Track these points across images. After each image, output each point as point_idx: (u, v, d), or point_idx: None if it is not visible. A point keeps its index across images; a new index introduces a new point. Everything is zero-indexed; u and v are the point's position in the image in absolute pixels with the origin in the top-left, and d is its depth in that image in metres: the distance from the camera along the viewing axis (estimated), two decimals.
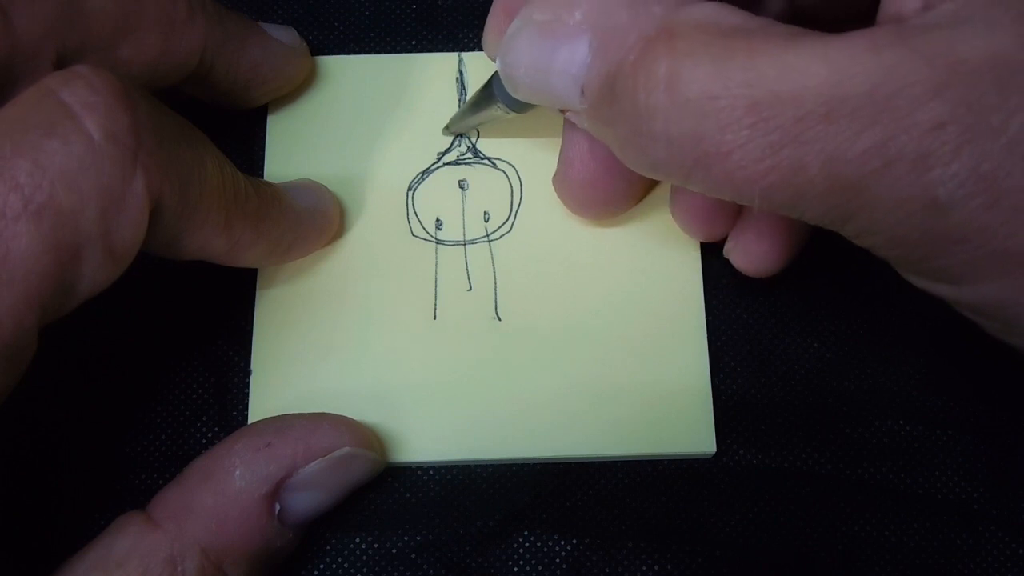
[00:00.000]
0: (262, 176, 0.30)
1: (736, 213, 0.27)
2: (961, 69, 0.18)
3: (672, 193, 0.27)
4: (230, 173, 0.24)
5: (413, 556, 0.27)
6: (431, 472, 0.28)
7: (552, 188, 0.29)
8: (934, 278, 0.20)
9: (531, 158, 0.30)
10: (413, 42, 0.32)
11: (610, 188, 0.27)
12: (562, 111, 0.24)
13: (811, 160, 0.18)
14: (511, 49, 0.23)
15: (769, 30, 0.19)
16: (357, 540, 0.27)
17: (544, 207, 0.30)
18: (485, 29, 0.26)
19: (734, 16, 0.20)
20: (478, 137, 0.30)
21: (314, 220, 0.28)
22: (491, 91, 0.27)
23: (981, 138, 0.18)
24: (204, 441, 0.28)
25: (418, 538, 0.27)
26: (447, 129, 0.30)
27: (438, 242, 0.29)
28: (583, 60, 0.21)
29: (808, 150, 0.18)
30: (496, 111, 0.27)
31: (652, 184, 0.29)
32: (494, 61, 0.25)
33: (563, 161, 0.27)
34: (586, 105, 0.22)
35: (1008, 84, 0.18)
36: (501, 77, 0.24)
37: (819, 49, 0.19)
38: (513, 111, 0.27)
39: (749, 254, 0.27)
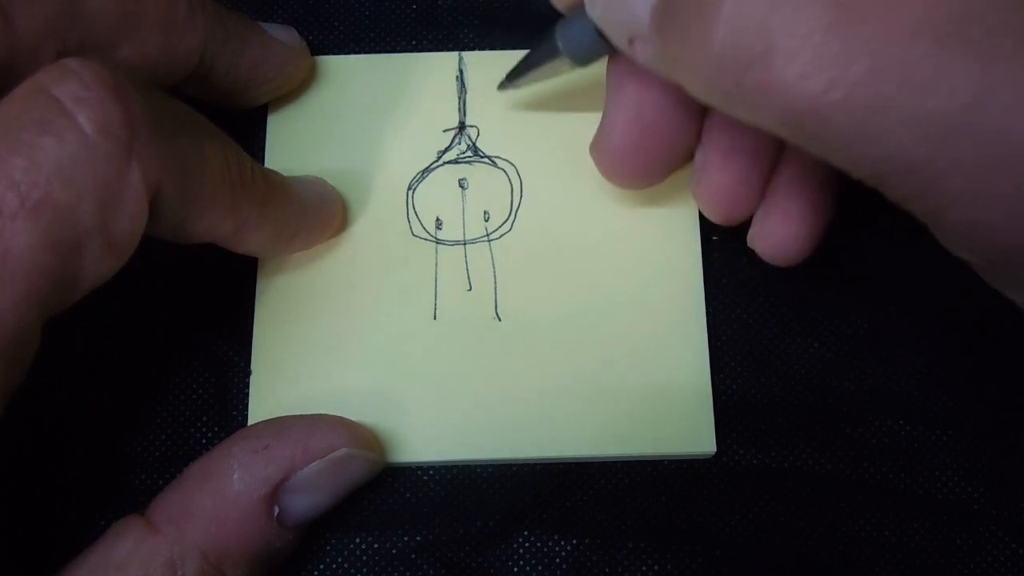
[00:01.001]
0: None
1: (759, 194, 0.26)
2: None
3: (695, 171, 0.27)
4: (234, 155, 0.24)
5: (413, 556, 0.27)
6: (431, 472, 0.28)
7: (552, 187, 0.29)
8: (1002, 254, 0.18)
9: (531, 156, 0.30)
10: (413, 42, 0.32)
11: (650, 156, 0.26)
12: (628, 42, 0.22)
13: (887, 82, 0.17)
14: None
15: None
16: (357, 540, 0.27)
17: (544, 206, 0.30)
18: None
19: None
20: (479, 135, 0.30)
21: (318, 210, 0.28)
22: (554, 44, 0.26)
23: None
24: (204, 441, 0.28)
25: (418, 538, 0.27)
26: (503, 85, 0.29)
27: (438, 242, 0.29)
28: None
29: (887, 69, 0.17)
30: (558, 65, 0.26)
31: (689, 153, 0.27)
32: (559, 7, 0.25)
33: (604, 127, 0.26)
34: (655, 5, 0.21)
35: None
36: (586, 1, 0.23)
37: None
38: (578, 63, 0.26)
39: (775, 239, 0.26)
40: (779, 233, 0.26)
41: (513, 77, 0.28)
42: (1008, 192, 0.17)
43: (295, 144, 0.30)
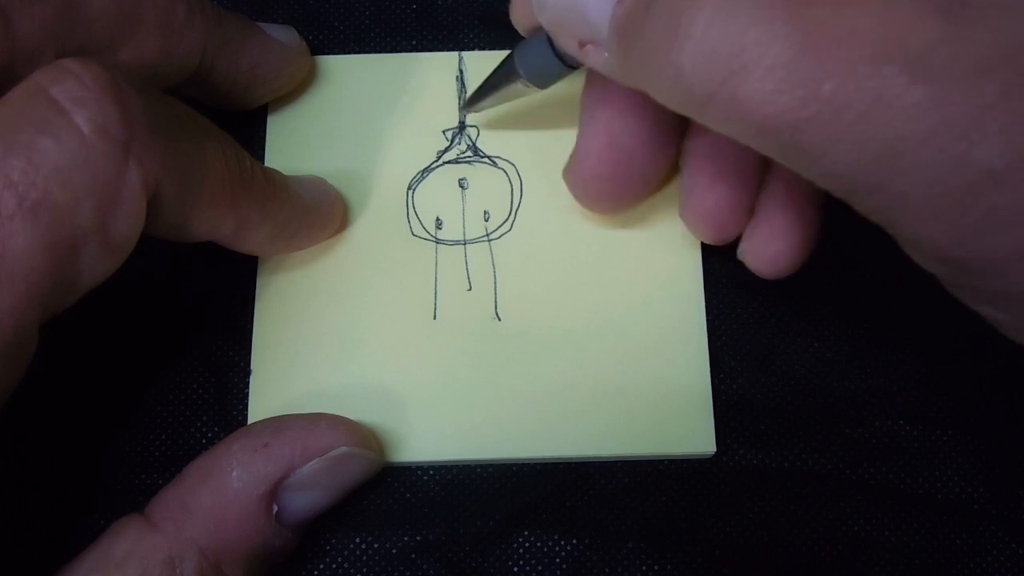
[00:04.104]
0: None
1: (747, 213, 0.26)
2: (1011, 53, 0.17)
3: (682, 195, 0.27)
4: (234, 154, 0.24)
5: (413, 556, 0.27)
6: (431, 472, 0.28)
7: (552, 187, 0.29)
8: (961, 265, 0.19)
9: (531, 156, 0.30)
10: (413, 42, 0.32)
11: (624, 182, 0.27)
12: (580, 47, 0.23)
13: (856, 101, 0.17)
14: None
15: None
16: (357, 540, 0.27)
17: (544, 206, 0.30)
18: None
19: None
20: (478, 135, 0.30)
21: (318, 209, 0.28)
22: (512, 67, 0.26)
23: None
24: (204, 441, 0.28)
25: (418, 538, 0.27)
26: (464, 108, 0.30)
27: (438, 241, 0.29)
28: None
29: (856, 89, 0.17)
30: (518, 87, 0.27)
31: (664, 177, 0.28)
32: (517, 24, 0.25)
33: (578, 153, 0.27)
34: (619, 15, 0.21)
35: None
36: (533, 5, 0.23)
37: (877, 2, 0.18)
38: (536, 86, 0.26)
39: (764, 254, 0.26)
40: (768, 248, 0.26)
41: (474, 100, 0.29)
42: (965, 217, 0.18)
43: (295, 144, 0.30)
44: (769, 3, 0.18)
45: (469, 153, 0.30)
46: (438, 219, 0.30)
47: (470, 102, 0.29)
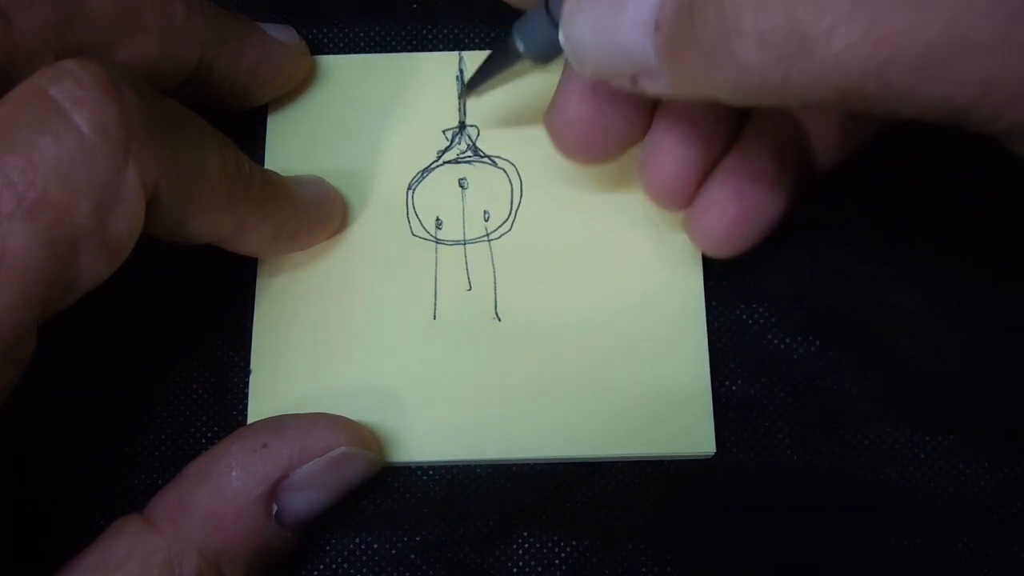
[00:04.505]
0: None
1: (700, 182, 0.26)
2: None
3: (641, 153, 0.26)
4: (232, 154, 0.24)
5: (413, 556, 0.27)
6: (431, 472, 0.28)
7: (552, 187, 0.29)
8: None
9: (531, 156, 0.30)
10: (413, 42, 0.32)
11: (604, 130, 0.26)
12: (633, 83, 0.22)
13: (930, 20, 0.17)
14: (575, 14, 0.22)
15: None
16: (357, 540, 0.27)
17: (544, 206, 0.30)
18: None
19: None
20: (478, 135, 0.30)
21: (317, 209, 0.28)
22: (513, 46, 0.25)
23: None
24: (204, 441, 0.28)
25: (418, 538, 0.27)
26: (465, 93, 0.29)
27: (438, 241, 0.29)
28: (654, 2, 0.20)
29: (925, 7, 0.17)
30: (519, 66, 0.26)
31: (648, 124, 0.27)
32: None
33: (559, 98, 0.26)
34: (661, 41, 0.21)
35: None
36: (566, 53, 0.23)
37: None
38: (540, 62, 0.25)
39: (699, 227, 0.26)
40: (703, 221, 0.26)
41: (474, 84, 0.28)
42: None
43: (295, 144, 0.30)
44: None
45: (469, 153, 0.30)
46: (438, 219, 0.30)
47: (470, 86, 0.28)
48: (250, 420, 0.28)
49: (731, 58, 0.19)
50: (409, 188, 0.30)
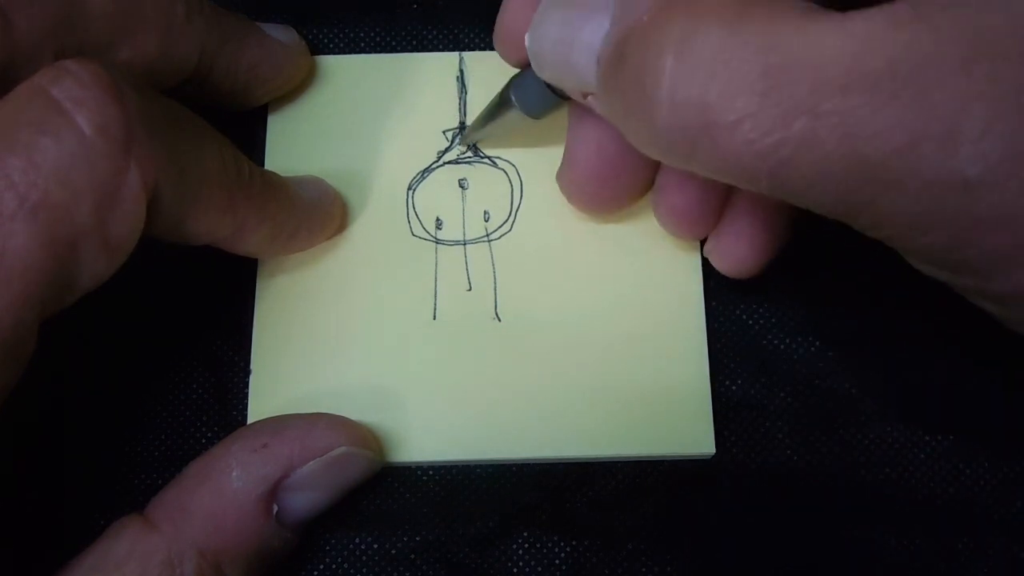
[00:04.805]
0: None
1: (716, 213, 0.26)
2: (984, 45, 0.17)
3: (654, 193, 0.27)
4: (231, 155, 0.24)
5: (413, 556, 0.27)
6: (431, 472, 0.28)
7: (552, 187, 0.29)
8: (958, 270, 0.19)
9: (531, 157, 0.30)
10: (413, 42, 0.32)
11: (614, 184, 0.27)
12: (583, 96, 0.23)
13: (827, 135, 0.17)
14: (542, 23, 0.23)
15: (788, 2, 0.19)
16: (357, 540, 0.27)
17: (544, 206, 0.30)
18: (498, 22, 0.26)
19: None
20: None
21: (317, 209, 0.28)
22: (508, 97, 0.27)
23: (1012, 115, 0.17)
24: (204, 441, 0.28)
25: (418, 538, 0.27)
26: (463, 140, 0.30)
27: (438, 242, 0.29)
28: (605, 31, 0.21)
29: (824, 123, 0.17)
30: (513, 117, 0.27)
31: (654, 180, 0.28)
32: (504, 57, 0.25)
33: (568, 158, 0.27)
34: (599, 75, 0.21)
35: None
36: (529, 54, 0.24)
37: (838, 23, 0.18)
38: (531, 116, 0.26)
39: (728, 257, 0.27)
40: (732, 251, 0.27)
41: (472, 132, 0.29)
42: (955, 224, 0.18)
43: (295, 144, 0.30)
44: (729, 44, 0.18)
45: (469, 153, 0.30)
46: (438, 219, 0.30)
47: (468, 134, 0.30)
48: (250, 420, 0.28)
49: (647, 120, 0.20)
50: (409, 188, 0.30)
